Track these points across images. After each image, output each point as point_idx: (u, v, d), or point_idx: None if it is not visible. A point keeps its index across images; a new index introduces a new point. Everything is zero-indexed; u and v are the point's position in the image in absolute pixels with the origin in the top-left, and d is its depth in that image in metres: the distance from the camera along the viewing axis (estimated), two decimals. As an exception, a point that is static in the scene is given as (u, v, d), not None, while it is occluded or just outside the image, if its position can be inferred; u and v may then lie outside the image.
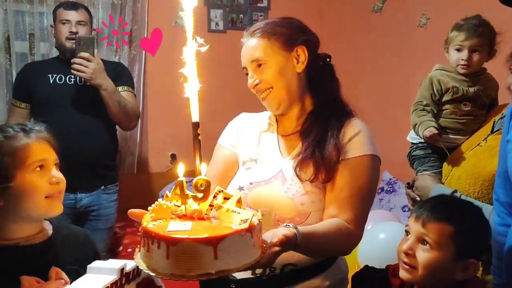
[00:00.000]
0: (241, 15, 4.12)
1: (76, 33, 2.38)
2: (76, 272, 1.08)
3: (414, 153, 1.90)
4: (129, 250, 3.01)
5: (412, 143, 1.93)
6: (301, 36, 1.34)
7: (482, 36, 1.77)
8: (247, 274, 1.27)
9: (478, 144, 1.70)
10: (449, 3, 3.09)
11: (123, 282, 0.97)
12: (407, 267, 1.19)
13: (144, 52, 3.77)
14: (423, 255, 1.17)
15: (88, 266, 0.97)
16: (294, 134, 1.36)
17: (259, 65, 1.30)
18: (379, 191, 3.37)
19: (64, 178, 1.21)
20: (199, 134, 0.97)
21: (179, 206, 0.94)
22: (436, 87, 1.82)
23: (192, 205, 0.94)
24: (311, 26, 1.47)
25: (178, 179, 0.93)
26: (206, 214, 0.93)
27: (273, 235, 0.99)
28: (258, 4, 4.18)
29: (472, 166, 1.64)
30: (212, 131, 1.63)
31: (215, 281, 1.25)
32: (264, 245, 0.96)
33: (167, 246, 0.84)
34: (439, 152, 1.83)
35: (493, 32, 1.80)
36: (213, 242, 0.84)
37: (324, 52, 1.41)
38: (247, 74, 1.35)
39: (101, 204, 2.46)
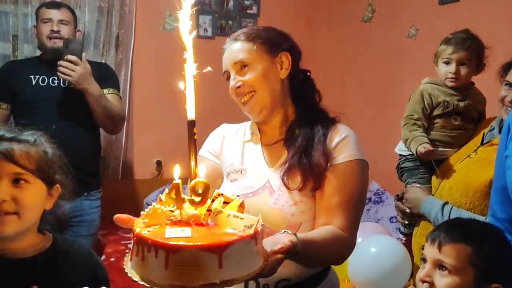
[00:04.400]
0: (230, 22, 4.11)
1: (58, 31, 2.31)
2: None
3: (403, 165, 1.89)
4: (112, 259, 2.94)
5: (400, 155, 1.92)
6: (286, 42, 1.33)
7: (470, 49, 1.78)
8: None
9: (468, 156, 1.70)
10: (439, 15, 3.11)
11: None
12: None
13: (130, 56, 3.73)
14: (442, 281, 1.09)
15: None
16: (278, 143, 1.33)
17: (243, 68, 1.27)
18: (366, 201, 3.35)
19: (8, 198, 1.06)
20: (195, 134, 0.92)
21: (173, 211, 0.89)
22: (427, 101, 1.82)
23: (187, 209, 0.89)
24: (300, 34, 1.45)
25: (174, 181, 0.87)
26: (203, 219, 0.88)
27: (274, 242, 0.94)
28: (248, 11, 4.17)
29: (463, 178, 1.64)
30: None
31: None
32: (265, 253, 0.91)
33: (167, 255, 0.77)
34: (427, 164, 1.82)
35: (481, 46, 1.81)
36: (218, 250, 0.78)
37: (303, 68, 1.39)
38: (228, 78, 1.31)
39: (83, 210, 2.38)
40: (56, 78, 2.31)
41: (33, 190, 1.11)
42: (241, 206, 0.91)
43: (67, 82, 2.29)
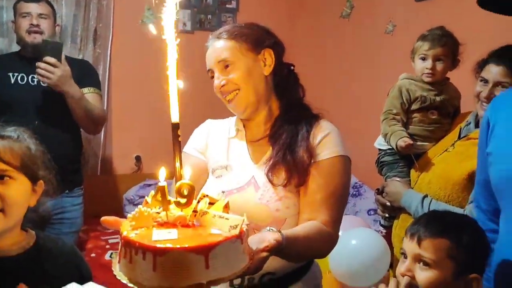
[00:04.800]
0: (209, 16, 4.10)
1: (38, 25, 2.27)
2: None
3: (382, 159, 1.93)
4: (93, 255, 2.92)
5: (380, 149, 1.96)
6: (268, 39, 1.34)
7: (446, 46, 1.83)
8: (224, 286, 1.24)
9: (446, 150, 1.75)
10: (415, 12, 3.17)
11: None
12: None
13: (109, 50, 3.69)
14: (422, 275, 1.12)
15: None
16: (263, 139, 1.34)
17: (226, 66, 1.28)
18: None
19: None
20: (179, 136, 0.93)
21: (159, 213, 0.89)
22: (405, 96, 1.86)
23: (173, 211, 0.89)
24: (280, 29, 1.46)
25: (159, 183, 0.88)
26: (189, 220, 0.88)
27: (260, 240, 0.96)
28: (227, 5, 4.16)
29: (441, 171, 1.69)
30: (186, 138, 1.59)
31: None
32: (251, 251, 0.92)
33: (154, 257, 0.78)
34: (406, 157, 1.87)
35: (456, 43, 1.86)
36: (205, 251, 0.79)
37: (287, 62, 1.40)
38: (212, 77, 1.32)
39: (65, 207, 2.35)
40: (35, 76, 2.26)
41: (18, 186, 1.11)
42: (226, 207, 0.91)
43: None
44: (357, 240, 1.97)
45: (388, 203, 1.83)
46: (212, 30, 1.37)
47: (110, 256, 3.32)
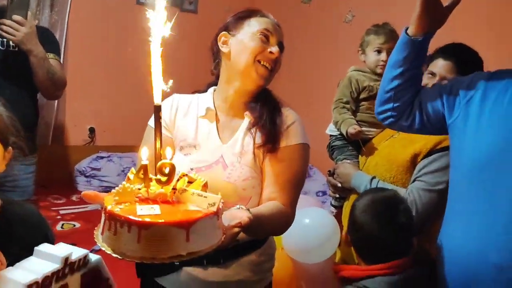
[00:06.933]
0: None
1: None
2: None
3: (333, 144, 2.07)
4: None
5: (331, 135, 2.10)
6: None
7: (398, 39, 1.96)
8: None
9: (392, 136, 1.90)
10: (374, 5, 3.29)
11: (66, 271, 0.90)
12: None
13: (66, 17, 3.59)
14: None
15: (36, 248, 0.92)
16: (235, 117, 1.41)
17: (279, 45, 1.38)
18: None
19: None
20: (160, 118, 0.98)
21: (140, 189, 0.95)
22: (354, 85, 2.01)
23: (153, 187, 0.95)
24: (241, 9, 1.49)
25: (142, 162, 0.94)
26: (169, 197, 0.96)
27: (231, 217, 1.04)
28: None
29: (387, 154, 1.84)
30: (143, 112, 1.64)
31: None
32: (223, 227, 1.00)
33: (139, 230, 0.84)
34: (355, 142, 2.01)
35: None
36: (186, 225, 0.86)
37: None
38: (265, 35, 1.36)
39: (17, 175, 2.31)
40: None
41: None
42: (205, 186, 1.00)
43: (5, 43, 2.20)
44: (310, 219, 2.06)
45: (339, 184, 1.96)
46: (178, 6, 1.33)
47: (62, 227, 3.30)
